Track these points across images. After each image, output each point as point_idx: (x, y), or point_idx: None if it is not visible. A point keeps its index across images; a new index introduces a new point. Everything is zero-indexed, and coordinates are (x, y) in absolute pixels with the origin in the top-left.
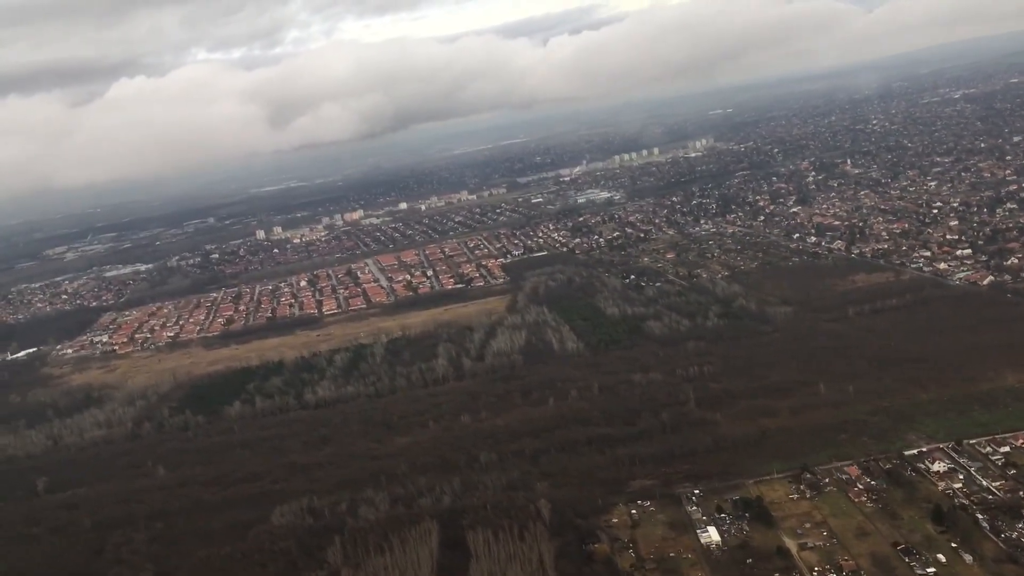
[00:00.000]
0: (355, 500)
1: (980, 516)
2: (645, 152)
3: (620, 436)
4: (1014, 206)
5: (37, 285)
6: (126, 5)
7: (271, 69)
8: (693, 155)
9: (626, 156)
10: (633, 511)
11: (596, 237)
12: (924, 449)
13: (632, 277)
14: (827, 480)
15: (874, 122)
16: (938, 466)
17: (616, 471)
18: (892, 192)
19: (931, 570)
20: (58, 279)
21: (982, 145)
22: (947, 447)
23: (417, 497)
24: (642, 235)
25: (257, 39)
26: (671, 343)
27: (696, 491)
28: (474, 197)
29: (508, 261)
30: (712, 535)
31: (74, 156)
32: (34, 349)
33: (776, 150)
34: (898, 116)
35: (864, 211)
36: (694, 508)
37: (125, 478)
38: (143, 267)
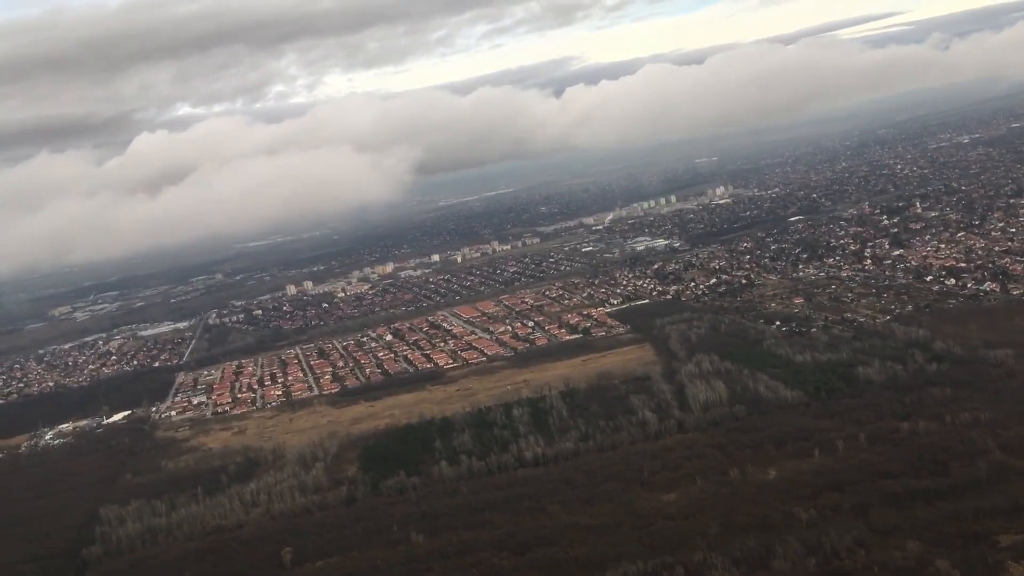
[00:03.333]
0: (688, 564)
1: None
2: (663, 200)
3: (940, 488)
4: None
5: (67, 346)
6: (121, 62)
7: (297, 121)
8: (722, 202)
9: (646, 204)
10: None
11: (691, 284)
12: None
13: (777, 323)
14: None
15: (899, 167)
16: None
17: (966, 525)
18: (993, 234)
19: None
20: (87, 339)
21: None
22: None
23: (765, 558)
24: (744, 281)
25: (241, 94)
26: (902, 389)
27: None
28: (508, 247)
29: (611, 310)
30: None
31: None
32: (128, 412)
33: (815, 195)
34: (920, 160)
35: (980, 252)
36: None
37: (377, 545)
38: (181, 325)
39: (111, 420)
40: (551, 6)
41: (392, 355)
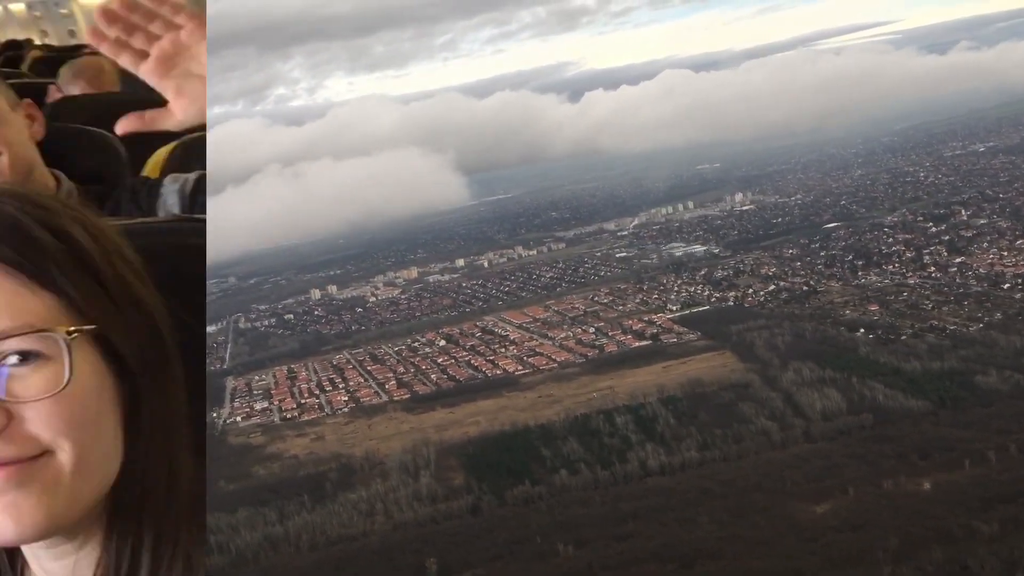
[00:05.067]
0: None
1: None
2: (681, 206)
3: None
4: None
5: None
6: None
7: (318, 123)
8: (745, 208)
9: (664, 210)
10: None
11: (748, 290)
12: None
13: (861, 330)
14: None
15: (922, 174)
16: None
17: None
18: None
19: None
20: None
21: None
22: None
23: (961, 573)
24: (806, 288)
25: (242, 96)
26: None
27: None
28: (534, 253)
29: (674, 316)
30: None
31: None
32: None
33: (843, 202)
34: (942, 168)
35: None
36: None
37: (523, 557)
38: (210, 329)
39: None
40: (558, 11)
41: (453, 360)
